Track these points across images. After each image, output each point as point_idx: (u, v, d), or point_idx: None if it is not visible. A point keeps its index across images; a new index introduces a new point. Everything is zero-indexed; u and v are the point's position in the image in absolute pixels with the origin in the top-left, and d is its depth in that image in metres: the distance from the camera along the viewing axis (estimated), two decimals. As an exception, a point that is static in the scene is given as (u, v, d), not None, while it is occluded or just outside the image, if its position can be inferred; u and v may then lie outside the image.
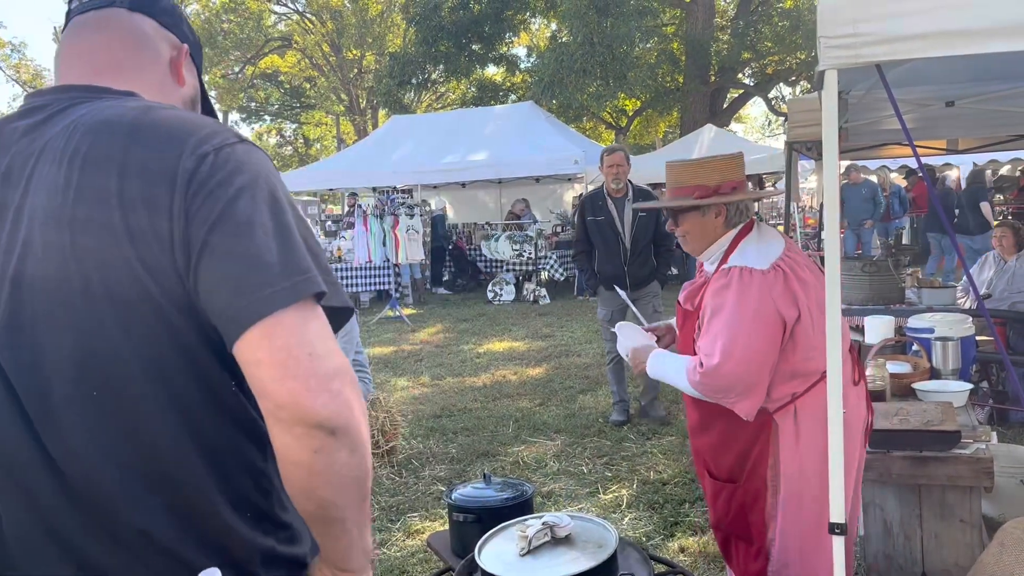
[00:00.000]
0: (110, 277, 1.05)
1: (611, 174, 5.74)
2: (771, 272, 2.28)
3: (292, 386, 0.99)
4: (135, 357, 1.06)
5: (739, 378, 2.24)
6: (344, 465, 1.04)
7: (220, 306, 1.03)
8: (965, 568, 3.16)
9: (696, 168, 2.45)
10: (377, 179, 14.97)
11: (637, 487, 4.62)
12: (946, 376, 3.72)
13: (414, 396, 7.17)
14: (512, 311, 12.32)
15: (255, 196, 1.06)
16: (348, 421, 1.02)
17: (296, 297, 1.02)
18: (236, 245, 1.03)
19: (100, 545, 1.08)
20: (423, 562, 3.85)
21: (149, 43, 1.26)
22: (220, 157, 1.07)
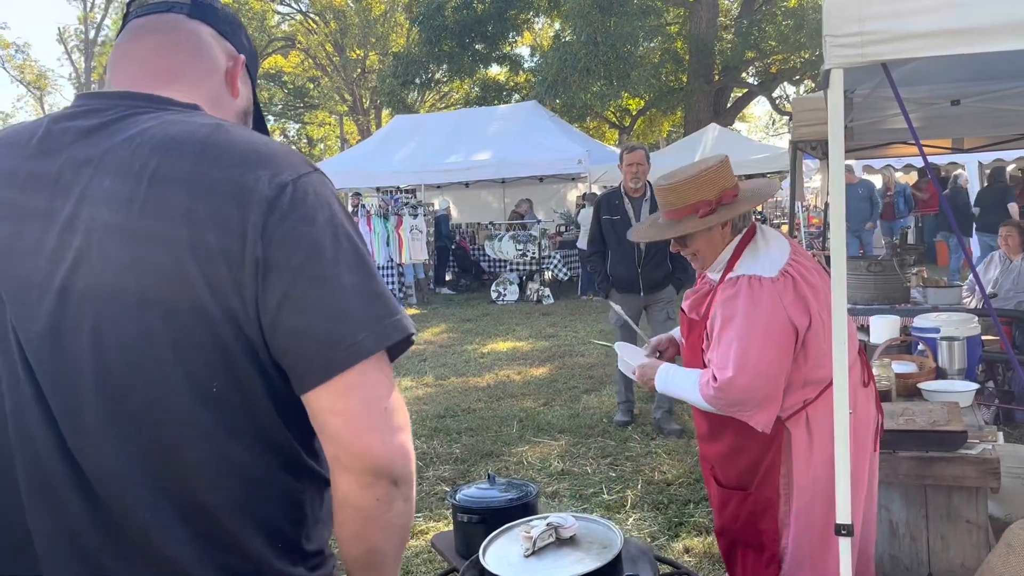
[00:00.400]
0: (169, 296, 1.01)
1: (630, 173, 5.54)
2: (780, 279, 2.24)
3: (368, 439, 1.02)
4: (183, 380, 1.02)
5: (754, 391, 2.20)
6: (398, 514, 1.07)
7: (299, 352, 1.01)
8: (971, 569, 3.14)
9: (691, 185, 2.34)
10: (381, 179, 14.98)
11: (642, 487, 4.62)
12: (952, 376, 3.70)
13: (418, 396, 7.17)
14: (516, 311, 12.31)
15: (337, 233, 1.05)
16: (410, 473, 1.07)
17: (381, 345, 1.03)
18: (322, 290, 1.01)
19: (128, 569, 1.05)
20: (427, 562, 3.85)
21: (207, 51, 1.23)
22: (299, 188, 1.05)
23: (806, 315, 2.24)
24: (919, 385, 3.58)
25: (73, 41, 36.78)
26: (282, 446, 1.09)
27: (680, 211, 2.37)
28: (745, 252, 2.35)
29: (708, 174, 2.33)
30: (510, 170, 14.81)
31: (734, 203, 2.35)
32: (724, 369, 2.22)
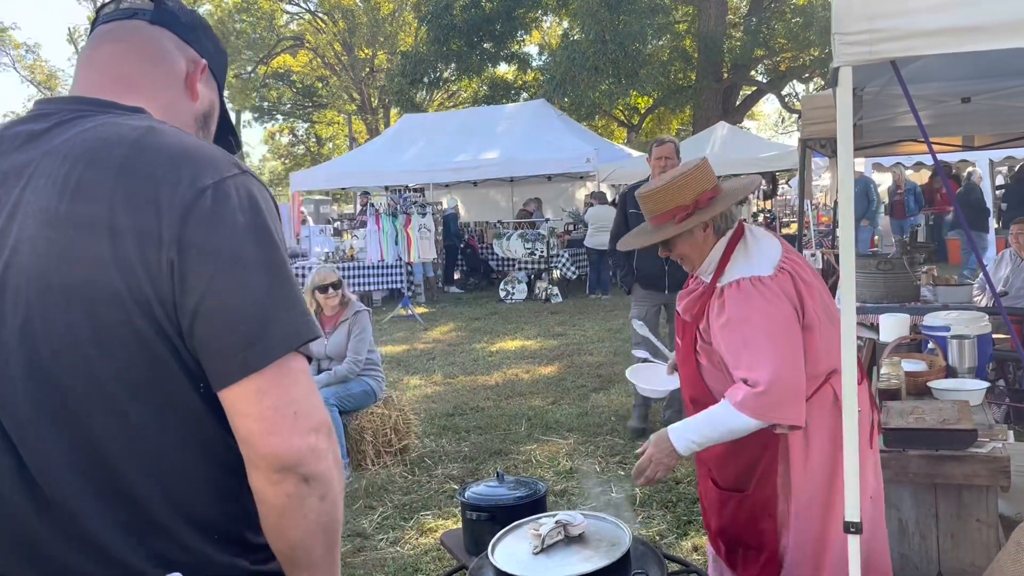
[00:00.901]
0: (92, 293, 1.05)
1: (659, 167, 5.38)
2: (779, 275, 2.27)
3: (275, 441, 1.06)
4: (109, 375, 1.07)
5: (793, 386, 2.19)
6: (313, 511, 1.11)
7: (214, 352, 1.06)
8: (982, 568, 3.13)
9: (668, 192, 2.38)
10: (389, 178, 15.02)
11: (648, 488, 4.61)
12: (962, 374, 3.69)
13: (427, 395, 7.18)
14: (524, 309, 12.32)
15: (254, 237, 1.09)
16: (321, 471, 1.10)
17: (291, 346, 1.08)
18: (234, 294, 1.06)
19: (64, 555, 1.09)
20: (436, 560, 3.86)
21: (166, 57, 1.27)
22: (220, 190, 1.08)
23: (802, 308, 2.27)
24: (929, 383, 3.56)
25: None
26: (212, 441, 1.13)
27: (660, 217, 2.41)
28: (736, 253, 2.37)
29: (682, 179, 2.37)
30: (518, 169, 14.82)
31: (710, 205, 2.37)
32: (760, 369, 2.17)
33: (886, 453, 3.15)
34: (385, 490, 4.81)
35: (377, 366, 5.36)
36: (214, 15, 32.78)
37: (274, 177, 40.96)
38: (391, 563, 3.86)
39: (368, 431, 5.21)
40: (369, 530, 4.27)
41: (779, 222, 17.77)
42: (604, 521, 2.41)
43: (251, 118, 36.80)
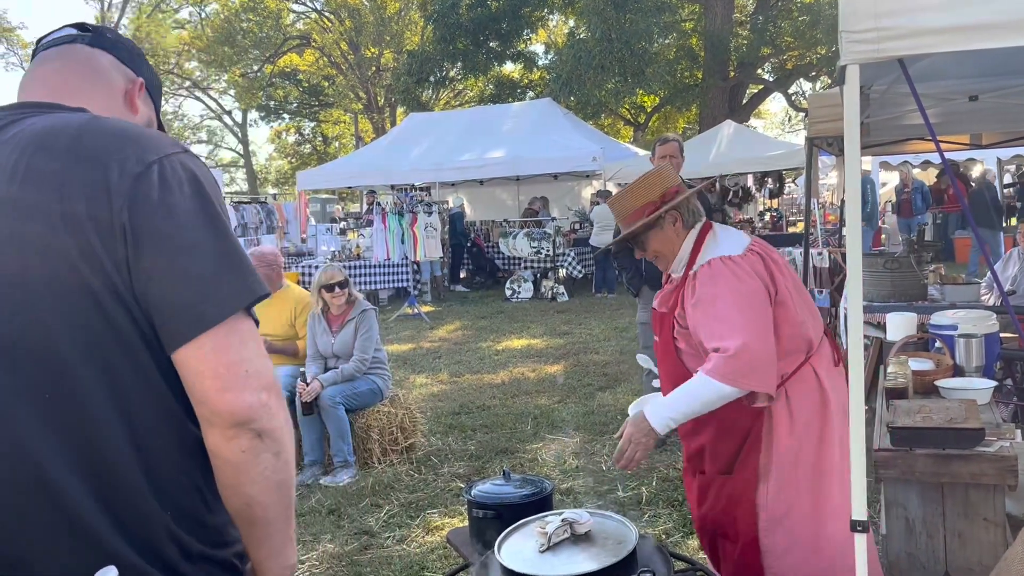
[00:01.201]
0: (48, 265, 1.10)
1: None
2: (748, 255, 2.37)
3: (229, 396, 1.12)
4: (69, 344, 1.10)
5: (763, 352, 2.25)
6: (268, 467, 1.17)
7: (167, 312, 1.11)
8: (989, 567, 3.12)
9: (636, 191, 2.50)
10: (395, 177, 15.02)
11: (656, 484, 4.61)
12: (970, 373, 3.68)
13: (433, 393, 7.19)
14: (530, 308, 12.32)
15: (201, 205, 1.15)
16: (274, 428, 1.16)
17: (241, 303, 1.14)
18: (186, 255, 1.11)
19: (32, 527, 1.11)
20: (443, 558, 3.87)
21: (104, 73, 1.34)
22: (165, 165, 1.15)
23: (774, 286, 2.36)
24: (936, 382, 3.55)
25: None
26: (168, 409, 1.16)
27: (630, 217, 2.51)
28: (706, 242, 2.47)
29: (647, 178, 2.50)
30: (524, 167, 14.81)
31: (676, 197, 2.48)
32: (731, 338, 2.23)
33: (892, 452, 3.15)
34: (391, 488, 4.82)
35: (383, 365, 5.37)
36: (221, 14, 32.87)
37: (280, 176, 41.05)
38: (397, 561, 3.87)
39: (374, 429, 5.22)
40: (376, 528, 4.28)
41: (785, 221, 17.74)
42: (610, 519, 2.42)
43: (257, 117, 36.90)
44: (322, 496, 4.76)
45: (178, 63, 36.26)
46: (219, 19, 33.22)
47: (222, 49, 31.89)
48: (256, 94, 33.88)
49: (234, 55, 32.06)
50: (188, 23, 36.17)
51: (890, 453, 3.13)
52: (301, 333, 5.37)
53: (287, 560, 1.26)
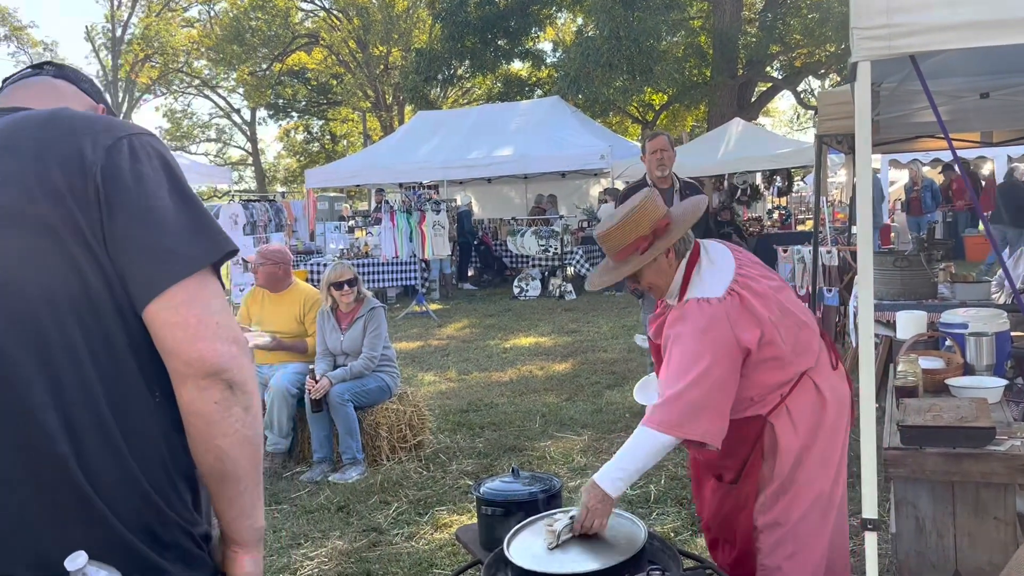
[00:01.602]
0: (26, 232, 1.15)
1: (654, 161, 5.32)
2: (727, 298, 2.35)
3: (201, 346, 1.16)
4: (42, 301, 1.15)
5: (695, 402, 2.23)
6: (239, 420, 1.21)
7: (139, 267, 1.16)
8: (999, 566, 3.11)
9: (625, 227, 2.46)
10: (403, 175, 15.04)
11: (665, 483, 4.61)
12: (980, 372, 3.66)
13: (441, 391, 7.20)
14: (538, 306, 12.32)
15: (168, 175, 1.23)
16: (245, 379, 1.21)
17: (209, 259, 1.20)
18: (156, 215, 1.18)
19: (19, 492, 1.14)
20: (451, 555, 3.87)
21: (67, 99, 1.42)
22: (133, 141, 1.23)
23: (756, 328, 2.33)
24: (947, 381, 3.54)
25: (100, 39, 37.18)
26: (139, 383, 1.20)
27: (622, 252, 2.47)
28: (694, 275, 2.45)
29: (637, 213, 2.45)
30: (532, 165, 14.81)
31: (668, 232, 2.45)
32: (673, 384, 2.26)
33: (902, 451, 3.14)
34: (400, 485, 4.83)
35: (392, 362, 5.38)
36: (230, 12, 32.93)
37: (288, 174, 41.13)
38: (406, 557, 3.87)
39: (383, 427, 5.23)
40: (384, 525, 4.29)
41: (794, 219, 17.69)
42: (619, 517, 2.42)
43: (266, 115, 36.96)
44: (331, 493, 4.77)
45: (187, 61, 36.37)
46: (228, 17, 33.30)
47: (231, 47, 31.97)
48: (265, 92, 33.95)
49: (243, 53, 32.13)
50: (197, 21, 36.29)
51: (900, 452, 3.12)
52: (310, 330, 5.38)
53: (256, 522, 1.29)
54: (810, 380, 2.43)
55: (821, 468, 2.47)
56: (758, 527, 2.46)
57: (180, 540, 1.22)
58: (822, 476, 2.49)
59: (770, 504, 2.46)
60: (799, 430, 2.41)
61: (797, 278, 7.53)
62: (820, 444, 2.45)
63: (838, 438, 2.50)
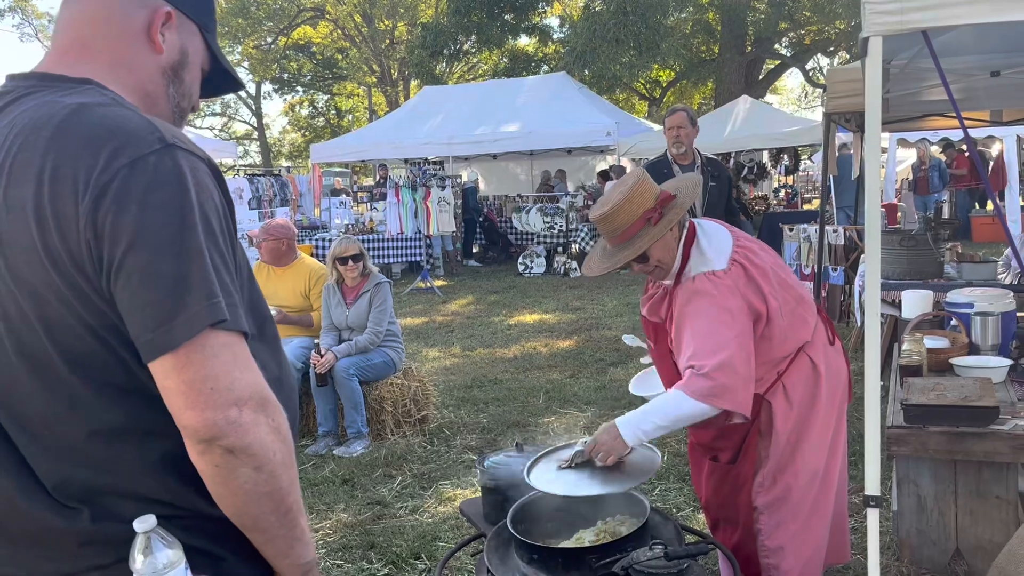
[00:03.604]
0: (31, 277, 1.10)
1: (671, 137, 5.19)
2: (732, 268, 2.33)
3: (191, 414, 1.08)
4: (62, 365, 1.13)
5: (740, 373, 2.22)
6: (248, 481, 1.12)
7: (133, 331, 1.09)
8: (1000, 544, 3.13)
9: (631, 202, 2.35)
10: (409, 151, 14.99)
11: (667, 459, 4.63)
12: (985, 352, 3.66)
13: (445, 367, 7.23)
14: (542, 283, 12.32)
15: (165, 216, 1.08)
16: (248, 444, 1.11)
17: (199, 328, 1.08)
18: (142, 273, 1.07)
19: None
20: (455, 528, 3.91)
21: (120, 13, 1.25)
22: (135, 170, 1.08)
23: (761, 297, 2.32)
24: (951, 360, 3.54)
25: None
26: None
27: (630, 230, 2.37)
28: (693, 250, 2.41)
29: (640, 186, 2.35)
30: (538, 142, 14.75)
31: (675, 201, 2.38)
32: (708, 356, 2.21)
33: (906, 429, 3.15)
34: (404, 459, 4.86)
35: (397, 337, 5.40)
36: (234, -15, 32.64)
37: (294, 149, 41.02)
38: (410, 530, 3.91)
39: (388, 401, 5.26)
40: (388, 498, 4.32)
41: (800, 198, 17.61)
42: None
43: (271, 89, 36.79)
44: (336, 466, 4.80)
45: (192, 34, 36.07)
46: (233, -10, 33.06)
47: (236, 21, 31.73)
48: (270, 66, 33.77)
49: (248, 27, 31.90)
50: (202, -6, 35.95)
51: (903, 430, 3.14)
52: (315, 304, 5.39)
53: (298, 559, 1.24)
54: (806, 356, 2.42)
55: (818, 445, 2.47)
56: (758, 507, 2.47)
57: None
58: (819, 453, 2.48)
59: (769, 484, 2.46)
60: (795, 408, 2.41)
61: (803, 257, 7.51)
62: (816, 421, 2.44)
63: (833, 414, 2.49)
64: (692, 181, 2.53)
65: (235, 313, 1.13)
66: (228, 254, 1.16)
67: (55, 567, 1.17)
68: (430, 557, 3.64)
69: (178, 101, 1.32)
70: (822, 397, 2.43)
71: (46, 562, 1.17)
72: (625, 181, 2.41)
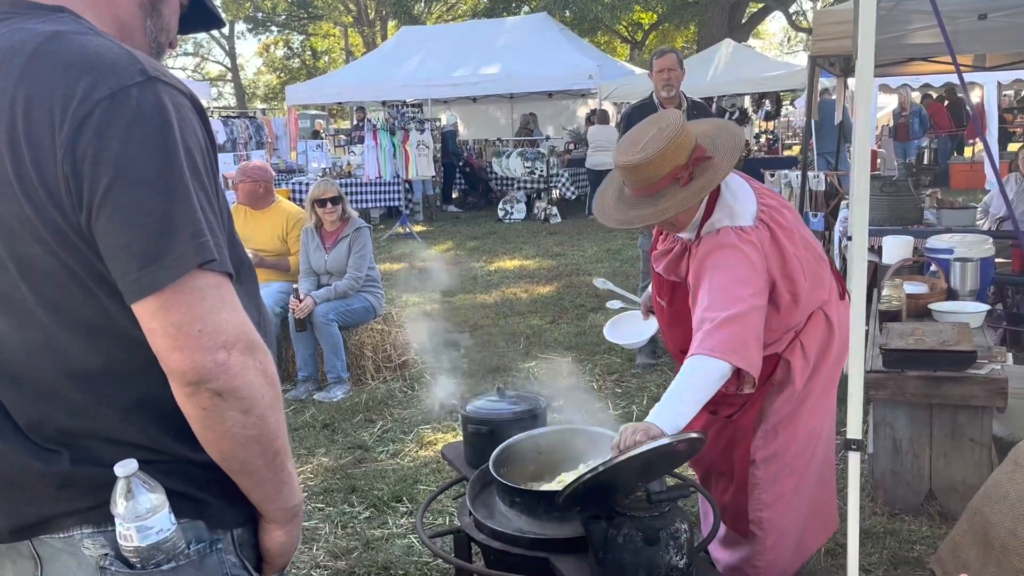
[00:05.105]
0: (9, 225, 1.06)
1: (661, 80, 5.07)
2: (758, 227, 2.21)
3: (178, 357, 1.05)
4: (38, 307, 1.09)
5: (750, 328, 2.10)
6: (237, 424, 1.10)
7: (115, 271, 1.05)
8: (972, 487, 3.19)
9: (664, 157, 2.14)
10: (386, 93, 14.73)
11: (647, 403, 4.67)
12: (964, 297, 3.70)
13: (425, 312, 7.21)
14: (523, 229, 12.27)
15: (148, 151, 1.03)
16: (236, 386, 1.08)
17: (187, 268, 1.04)
18: (126, 210, 1.02)
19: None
20: (435, 471, 3.93)
21: None
22: (117, 101, 1.03)
23: (783, 263, 2.22)
24: (930, 306, 3.57)
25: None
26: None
27: (656, 184, 2.18)
28: (716, 207, 2.26)
29: (679, 140, 2.14)
30: (519, 84, 14.54)
31: (709, 162, 2.18)
32: (724, 311, 2.08)
33: (884, 374, 3.18)
34: (385, 404, 4.87)
35: (377, 283, 5.35)
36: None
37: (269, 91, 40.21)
38: (391, 474, 3.93)
39: (368, 347, 5.24)
40: (369, 442, 4.34)
41: (781, 144, 17.56)
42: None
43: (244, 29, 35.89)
44: (316, 411, 4.80)
45: (161, -30, 34.96)
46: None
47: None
48: (243, 5, 32.88)
49: (219, -37, 30.97)
50: (170, -72, 34.75)
51: (882, 375, 3.17)
52: (293, 249, 5.32)
53: (285, 503, 1.22)
54: (822, 313, 2.35)
55: (821, 400, 2.41)
56: (756, 460, 2.39)
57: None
58: (821, 408, 2.43)
59: (771, 438, 2.38)
60: (811, 363, 2.35)
61: (783, 203, 7.49)
62: (823, 377, 2.37)
63: (837, 370, 2.44)
64: (732, 139, 2.28)
65: (222, 254, 1.09)
66: (212, 193, 1.11)
67: (34, 510, 1.14)
68: (411, 500, 3.66)
69: (156, 35, 1.26)
70: (832, 354, 2.37)
71: (25, 506, 1.14)
72: (664, 127, 2.16)
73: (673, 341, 2.51)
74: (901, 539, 3.09)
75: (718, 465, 2.50)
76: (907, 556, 2.97)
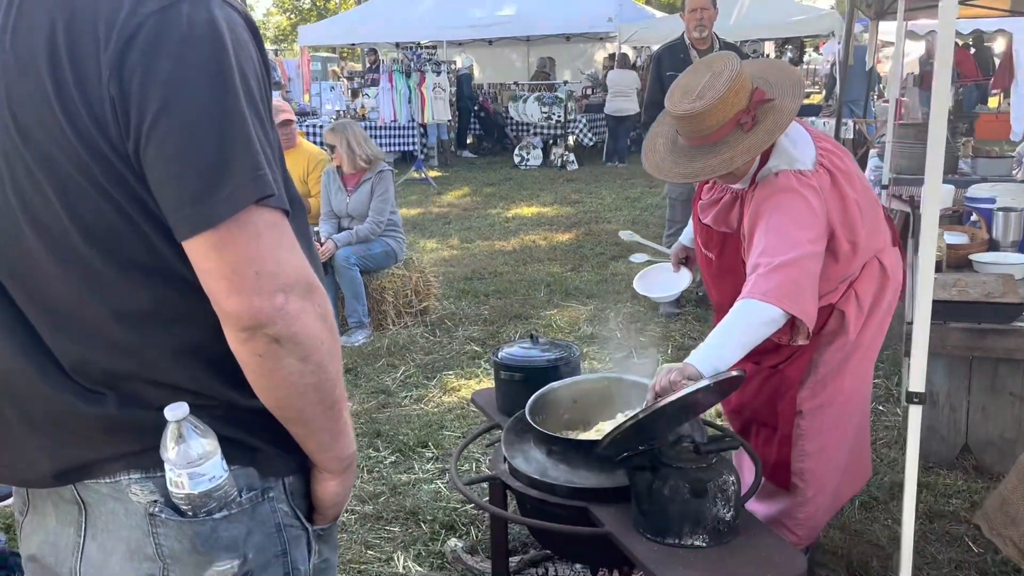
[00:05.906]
0: (41, 134, 0.98)
1: (694, 20, 4.94)
2: (818, 171, 2.10)
3: (235, 300, 0.98)
4: (69, 222, 1.01)
5: (807, 274, 1.99)
6: (294, 372, 1.03)
7: (166, 205, 0.97)
8: (1010, 441, 3.15)
9: (720, 106, 2.01)
10: (400, 34, 14.44)
11: (672, 352, 4.62)
12: (1005, 248, 3.60)
13: (444, 258, 7.14)
14: (539, 176, 12.12)
15: (202, 75, 0.95)
16: (294, 332, 1.01)
17: (244, 203, 0.96)
18: (178, 139, 0.94)
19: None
20: (460, 417, 3.90)
21: None
22: (166, 19, 0.94)
23: (843, 210, 2.13)
24: (971, 256, 3.48)
25: None
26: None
27: (718, 132, 2.04)
28: (773, 152, 2.14)
29: (739, 82, 2.01)
30: (535, 27, 14.21)
31: (771, 104, 2.06)
32: (782, 255, 1.97)
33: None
34: (407, 350, 4.83)
35: (398, 227, 5.28)
36: None
37: (280, 33, 39.60)
38: (416, 419, 3.90)
39: (389, 291, 5.19)
40: (392, 387, 4.31)
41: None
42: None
43: (254, -32, 35.16)
44: (337, 356, 4.77)
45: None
46: None
47: None
48: (252, -58, 32.16)
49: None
50: None
51: (923, 326, 3.09)
52: (314, 191, 5.24)
53: (340, 452, 1.16)
54: (877, 261, 2.27)
55: (870, 351, 2.35)
56: (803, 411, 2.31)
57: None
58: (868, 359, 2.37)
59: (818, 389, 2.30)
60: (864, 313, 2.27)
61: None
62: (874, 327, 2.30)
63: (887, 321, 2.37)
64: (790, 76, 2.14)
65: (280, 189, 1.01)
66: (268, 123, 1.03)
67: (79, 453, 1.08)
68: (437, 446, 3.64)
69: None
70: (884, 303, 2.30)
71: (70, 448, 1.09)
72: (718, 71, 2.03)
73: (721, 294, 2.40)
74: (936, 492, 3.05)
75: (760, 415, 2.44)
76: (943, 510, 2.93)
